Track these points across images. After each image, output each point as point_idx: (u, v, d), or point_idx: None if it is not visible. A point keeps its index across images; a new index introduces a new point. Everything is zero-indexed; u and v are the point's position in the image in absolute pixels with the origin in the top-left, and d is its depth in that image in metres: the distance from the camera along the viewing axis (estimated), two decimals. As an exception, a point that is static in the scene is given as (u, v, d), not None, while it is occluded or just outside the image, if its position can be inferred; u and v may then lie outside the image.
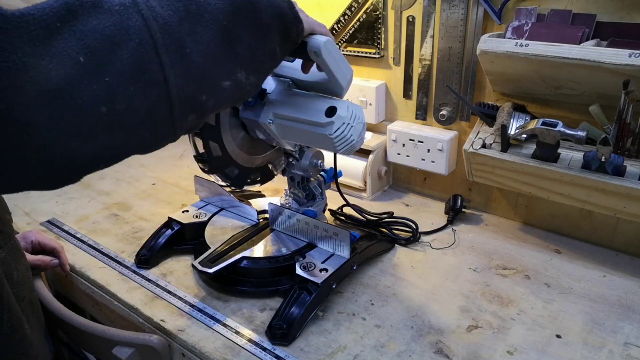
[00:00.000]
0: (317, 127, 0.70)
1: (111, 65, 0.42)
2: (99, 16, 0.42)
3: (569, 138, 0.80)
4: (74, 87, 0.40)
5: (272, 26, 0.57)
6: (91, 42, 0.41)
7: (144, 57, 0.44)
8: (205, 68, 0.49)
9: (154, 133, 0.47)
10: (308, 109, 0.71)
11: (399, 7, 1.04)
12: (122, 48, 0.42)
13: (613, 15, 0.81)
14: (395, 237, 0.98)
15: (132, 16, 0.44)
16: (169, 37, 0.45)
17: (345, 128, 0.69)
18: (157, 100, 0.45)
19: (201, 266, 0.81)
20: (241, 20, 0.53)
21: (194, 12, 0.48)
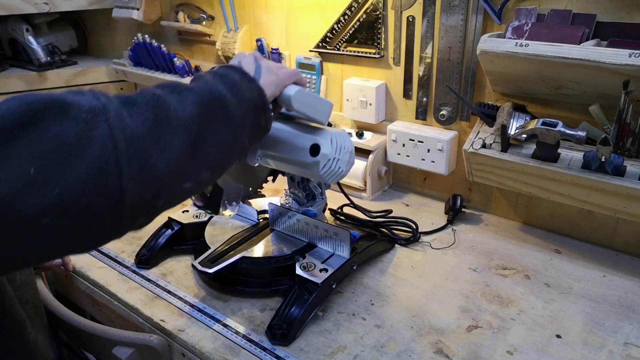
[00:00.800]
0: (304, 165, 0.69)
1: (65, 176, 0.41)
2: (64, 123, 0.42)
3: (569, 138, 0.80)
4: (16, 199, 0.38)
5: (245, 122, 0.57)
6: (48, 152, 0.40)
7: (102, 169, 0.42)
8: (168, 175, 0.48)
9: (98, 237, 0.46)
10: (293, 147, 0.69)
11: (399, 7, 1.04)
12: (80, 158, 0.41)
13: (613, 15, 0.81)
14: (395, 237, 0.98)
15: (98, 125, 0.43)
16: (134, 148, 0.44)
17: (332, 163, 0.67)
18: (109, 210, 0.44)
19: (201, 266, 0.81)
20: (212, 122, 0.53)
21: (163, 120, 0.48)
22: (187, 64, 1.42)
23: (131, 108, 0.46)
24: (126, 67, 1.56)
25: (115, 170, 0.43)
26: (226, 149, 0.55)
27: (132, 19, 1.50)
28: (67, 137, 0.41)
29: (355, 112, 1.16)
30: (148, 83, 1.55)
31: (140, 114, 0.46)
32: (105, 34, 1.78)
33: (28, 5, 1.51)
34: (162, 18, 1.53)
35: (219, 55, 1.39)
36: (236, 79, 0.57)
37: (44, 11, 1.54)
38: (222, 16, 1.35)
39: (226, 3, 1.32)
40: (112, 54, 1.75)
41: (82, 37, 1.82)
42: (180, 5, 1.46)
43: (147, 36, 1.45)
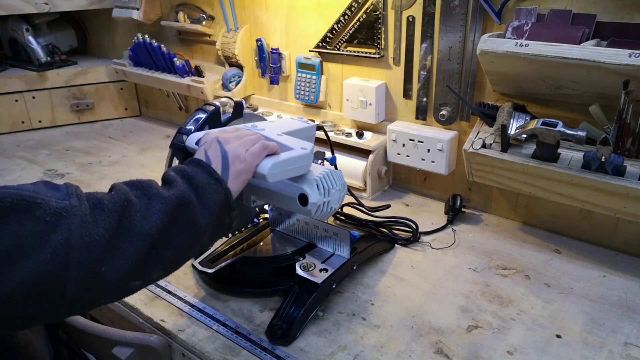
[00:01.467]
0: (298, 211, 0.69)
1: (9, 277, 0.42)
2: (25, 222, 0.43)
3: (569, 138, 0.80)
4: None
5: (208, 226, 0.58)
6: (3, 247, 0.42)
7: (50, 272, 0.44)
8: (115, 281, 0.49)
9: (37, 321, 0.50)
10: (282, 197, 0.69)
11: (399, 7, 1.04)
12: (31, 260, 0.43)
13: (613, 15, 0.81)
14: (395, 237, 0.98)
15: (59, 229, 0.45)
16: (87, 256, 0.46)
17: (323, 207, 0.67)
18: (48, 308, 0.46)
19: (201, 266, 0.81)
20: (175, 229, 0.54)
21: (126, 228, 0.49)
22: (187, 64, 1.42)
23: (98, 213, 0.48)
24: (126, 67, 1.56)
25: (61, 274, 0.45)
26: (184, 251, 0.57)
27: (132, 19, 1.50)
28: (24, 237, 0.43)
29: (355, 112, 1.16)
30: (148, 83, 1.55)
31: (105, 221, 0.48)
32: (105, 34, 1.78)
33: (28, 5, 1.51)
34: (162, 18, 1.53)
35: (219, 55, 1.39)
36: (204, 181, 0.58)
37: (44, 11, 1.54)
38: (222, 16, 1.35)
39: (226, 3, 1.32)
40: (112, 54, 1.75)
41: (82, 37, 1.82)
42: (180, 5, 1.46)
43: (147, 36, 1.46)
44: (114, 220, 0.48)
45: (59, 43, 1.71)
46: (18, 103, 1.60)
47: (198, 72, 1.41)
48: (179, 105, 1.63)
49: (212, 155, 0.62)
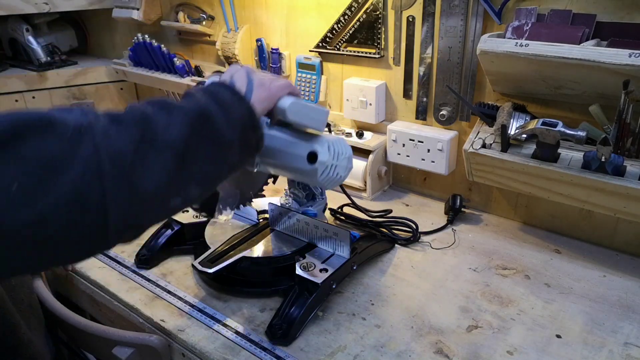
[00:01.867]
0: (303, 173, 0.68)
1: (48, 194, 0.41)
2: (48, 141, 0.42)
3: (569, 138, 0.80)
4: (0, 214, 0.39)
5: (233, 142, 0.57)
6: (31, 168, 0.40)
7: (86, 187, 0.42)
8: (153, 194, 0.48)
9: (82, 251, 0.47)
10: (290, 155, 0.68)
11: (399, 7, 1.04)
12: (64, 176, 0.41)
13: (613, 15, 0.81)
14: (395, 237, 0.98)
15: (83, 143, 0.43)
16: (118, 167, 0.44)
17: (330, 170, 0.67)
18: (93, 228, 0.44)
19: (201, 266, 0.81)
20: (199, 141, 0.52)
21: (149, 140, 0.48)
22: (187, 64, 1.42)
23: (118, 126, 0.46)
24: (126, 67, 1.56)
25: (98, 188, 0.43)
26: (215, 167, 0.55)
27: (132, 19, 1.50)
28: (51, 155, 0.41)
29: (355, 112, 1.16)
30: (148, 83, 1.55)
31: (127, 133, 0.46)
32: (105, 34, 1.78)
33: (28, 5, 1.51)
34: (162, 18, 1.53)
35: (219, 55, 1.39)
36: (226, 97, 0.57)
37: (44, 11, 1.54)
38: (222, 16, 1.35)
39: (226, 3, 1.32)
40: (112, 54, 1.75)
41: (82, 37, 1.82)
42: (180, 5, 1.46)
43: (147, 36, 1.45)
44: (136, 132, 0.47)
45: (59, 43, 1.71)
46: (18, 103, 1.60)
47: (198, 72, 1.41)
48: (179, 105, 1.62)
49: (237, 78, 0.62)
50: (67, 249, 0.44)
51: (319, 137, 0.68)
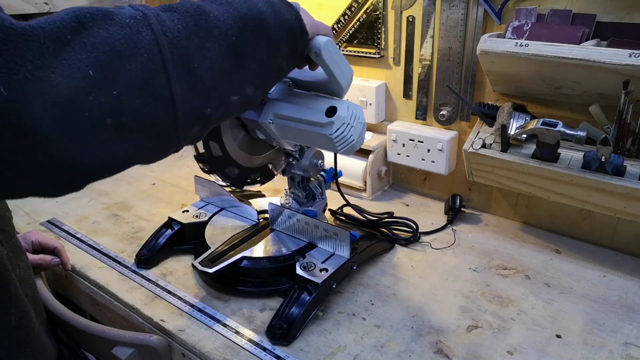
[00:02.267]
0: (317, 127, 0.70)
1: (119, 79, 0.42)
2: (110, 28, 0.43)
3: (569, 138, 0.80)
4: (81, 100, 0.40)
5: (282, 42, 0.58)
6: (101, 54, 0.42)
7: (151, 72, 0.44)
8: (212, 83, 0.50)
9: (157, 144, 0.48)
10: (308, 108, 0.71)
11: (399, 7, 1.04)
12: (130, 62, 0.43)
13: (613, 15, 0.81)
14: (395, 237, 0.98)
15: (142, 30, 0.44)
16: (177, 52, 0.46)
17: (346, 128, 0.69)
18: (162, 113, 0.46)
19: (201, 266, 0.81)
20: (251, 36, 0.54)
21: (204, 27, 0.49)
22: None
23: (171, 14, 0.48)
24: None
25: (162, 73, 0.45)
26: (266, 65, 0.56)
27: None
28: (116, 41, 0.43)
29: (355, 112, 1.16)
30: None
31: (181, 20, 0.48)
32: (105, 34, 1.77)
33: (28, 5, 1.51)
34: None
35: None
36: (276, 1, 0.58)
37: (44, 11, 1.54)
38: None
39: (226, 3, 1.32)
40: (112, 54, 1.74)
41: (82, 37, 1.82)
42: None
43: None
44: (190, 19, 0.48)
45: (59, 43, 1.71)
46: (18, 103, 1.60)
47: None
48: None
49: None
50: (141, 141, 0.46)
51: (339, 98, 0.72)
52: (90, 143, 0.42)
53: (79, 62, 0.40)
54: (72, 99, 0.40)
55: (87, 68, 0.41)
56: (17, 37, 0.38)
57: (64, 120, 0.40)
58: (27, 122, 0.38)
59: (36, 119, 0.38)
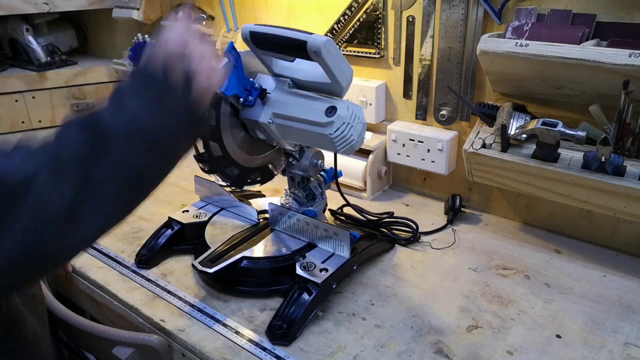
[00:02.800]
0: (317, 126, 0.70)
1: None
2: None
3: (569, 138, 0.80)
4: None
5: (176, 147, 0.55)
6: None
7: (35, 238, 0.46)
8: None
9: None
10: (308, 108, 0.71)
11: (399, 7, 1.04)
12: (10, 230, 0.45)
13: (613, 15, 0.81)
14: (395, 237, 0.98)
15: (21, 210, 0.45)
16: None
17: (345, 128, 0.69)
18: None
19: (201, 266, 0.81)
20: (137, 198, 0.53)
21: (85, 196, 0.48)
22: (187, 64, 1.41)
23: (57, 180, 0.46)
24: (126, 67, 1.56)
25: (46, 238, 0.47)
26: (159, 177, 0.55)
27: (132, 19, 1.50)
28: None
29: (355, 112, 1.16)
30: (148, 83, 1.54)
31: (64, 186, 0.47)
32: (105, 34, 1.78)
33: (28, 5, 1.51)
34: (162, 18, 1.52)
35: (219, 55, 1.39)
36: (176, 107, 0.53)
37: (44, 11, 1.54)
38: (222, 16, 1.35)
39: (226, 3, 1.32)
40: (112, 54, 1.75)
41: (82, 37, 1.82)
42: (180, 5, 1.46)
43: (147, 36, 1.45)
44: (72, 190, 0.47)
45: (59, 43, 1.71)
46: (18, 103, 1.60)
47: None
48: (179, 105, 1.62)
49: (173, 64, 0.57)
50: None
51: (339, 99, 0.72)
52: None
53: None
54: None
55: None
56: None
57: None
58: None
59: None
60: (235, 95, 0.75)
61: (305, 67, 0.73)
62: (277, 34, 0.70)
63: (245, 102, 0.76)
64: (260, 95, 0.77)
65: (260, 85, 0.76)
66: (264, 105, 0.76)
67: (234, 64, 0.73)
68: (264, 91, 0.77)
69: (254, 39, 0.73)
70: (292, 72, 0.77)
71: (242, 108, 0.79)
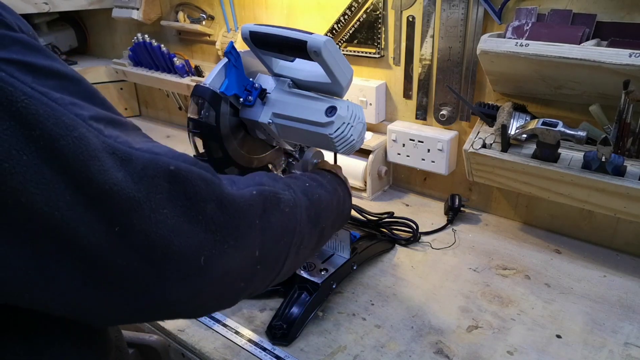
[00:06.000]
0: (317, 126, 0.70)
1: (272, 260, 0.50)
2: (277, 215, 0.50)
3: (569, 138, 0.80)
4: (243, 277, 0.47)
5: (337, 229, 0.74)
6: (267, 239, 0.48)
7: (284, 253, 0.53)
8: (304, 258, 0.61)
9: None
10: (308, 108, 0.71)
11: (399, 7, 1.04)
12: (282, 245, 0.52)
13: (613, 15, 0.81)
14: (395, 237, 0.98)
15: (295, 217, 0.54)
16: (299, 238, 0.55)
17: (345, 128, 0.69)
18: (273, 278, 0.54)
19: (201, 266, 0.81)
20: (337, 224, 0.70)
21: (314, 220, 0.59)
22: (187, 64, 1.42)
23: (306, 199, 0.59)
24: (126, 67, 1.56)
25: (286, 254, 0.53)
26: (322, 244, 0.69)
27: (132, 19, 1.50)
28: (279, 227, 0.51)
29: (355, 112, 1.16)
30: (148, 83, 1.55)
31: (309, 211, 0.59)
32: (105, 34, 1.78)
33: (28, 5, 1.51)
34: (162, 18, 1.53)
35: (219, 55, 1.39)
36: (344, 194, 0.73)
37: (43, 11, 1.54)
38: (222, 16, 1.35)
39: (226, 3, 1.32)
40: (112, 54, 1.75)
41: (82, 37, 1.82)
42: (180, 5, 1.46)
43: (147, 36, 1.45)
44: (311, 210, 0.59)
45: (58, 43, 1.71)
46: (18, 103, 1.60)
47: (198, 72, 1.41)
48: (179, 105, 1.63)
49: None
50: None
51: (339, 98, 0.72)
52: (222, 303, 0.49)
53: (253, 245, 0.46)
54: (238, 274, 0.46)
55: (255, 248, 0.47)
56: (235, 211, 0.44)
57: (218, 292, 0.45)
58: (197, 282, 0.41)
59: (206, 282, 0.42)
60: (235, 95, 0.75)
61: (305, 67, 0.73)
62: (277, 34, 0.70)
63: (245, 102, 0.76)
64: (260, 95, 0.76)
65: (260, 85, 0.76)
66: (263, 105, 0.76)
67: (234, 64, 0.73)
68: (264, 91, 0.77)
69: (254, 38, 0.73)
70: (292, 72, 0.77)
71: (242, 108, 0.78)
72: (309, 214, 0.58)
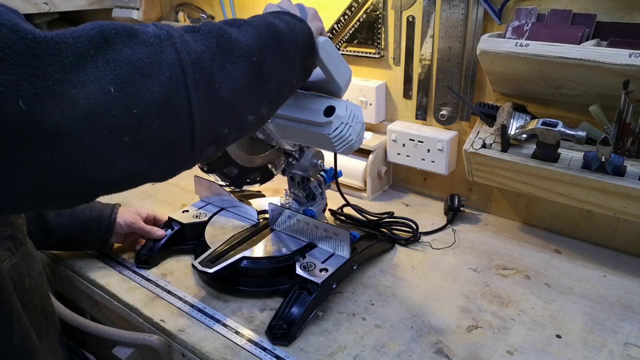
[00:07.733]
0: (316, 126, 0.70)
1: (140, 97, 0.42)
2: (134, 47, 0.43)
3: (569, 138, 0.80)
4: (100, 116, 0.40)
5: (296, 61, 0.59)
6: (123, 72, 0.42)
7: (173, 91, 0.44)
8: (232, 103, 0.50)
9: (172, 163, 0.48)
10: (307, 108, 0.71)
11: (399, 7, 1.04)
12: (152, 80, 0.43)
13: (613, 15, 0.81)
14: (395, 237, 0.98)
15: (165, 49, 0.45)
16: (199, 72, 0.46)
17: (344, 128, 0.69)
18: (180, 133, 0.46)
19: (201, 266, 0.81)
20: (269, 55, 0.55)
21: (225, 49, 0.50)
22: (187, 64, 1.41)
23: (195, 34, 0.48)
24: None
25: (184, 93, 0.45)
26: (281, 84, 0.58)
27: (132, 19, 1.50)
28: (139, 60, 0.43)
29: (355, 112, 1.16)
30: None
31: (204, 41, 0.48)
32: (105, 34, 1.77)
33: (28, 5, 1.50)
34: (162, 18, 1.52)
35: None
36: (288, 18, 0.60)
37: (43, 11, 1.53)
38: (222, 16, 1.35)
39: (226, 3, 1.32)
40: (112, 54, 1.74)
41: (82, 37, 1.82)
42: (180, 5, 1.46)
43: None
44: (212, 40, 0.49)
45: (59, 43, 1.70)
46: (18, 103, 1.60)
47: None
48: (179, 105, 1.62)
49: (292, 9, 0.66)
50: (157, 159, 0.46)
51: (338, 98, 0.72)
52: (105, 159, 0.42)
53: (100, 78, 0.40)
54: (91, 115, 0.40)
55: (109, 85, 0.41)
56: (40, 50, 0.37)
57: (81, 136, 0.40)
58: (44, 135, 0.38)
59: (53, 133, 0.38)
60: None
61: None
62: None
63: None
64: None
65: None
66: None
67: None
68: None
69: None
70: None
71: None
72: (208, 44, 0.49)
